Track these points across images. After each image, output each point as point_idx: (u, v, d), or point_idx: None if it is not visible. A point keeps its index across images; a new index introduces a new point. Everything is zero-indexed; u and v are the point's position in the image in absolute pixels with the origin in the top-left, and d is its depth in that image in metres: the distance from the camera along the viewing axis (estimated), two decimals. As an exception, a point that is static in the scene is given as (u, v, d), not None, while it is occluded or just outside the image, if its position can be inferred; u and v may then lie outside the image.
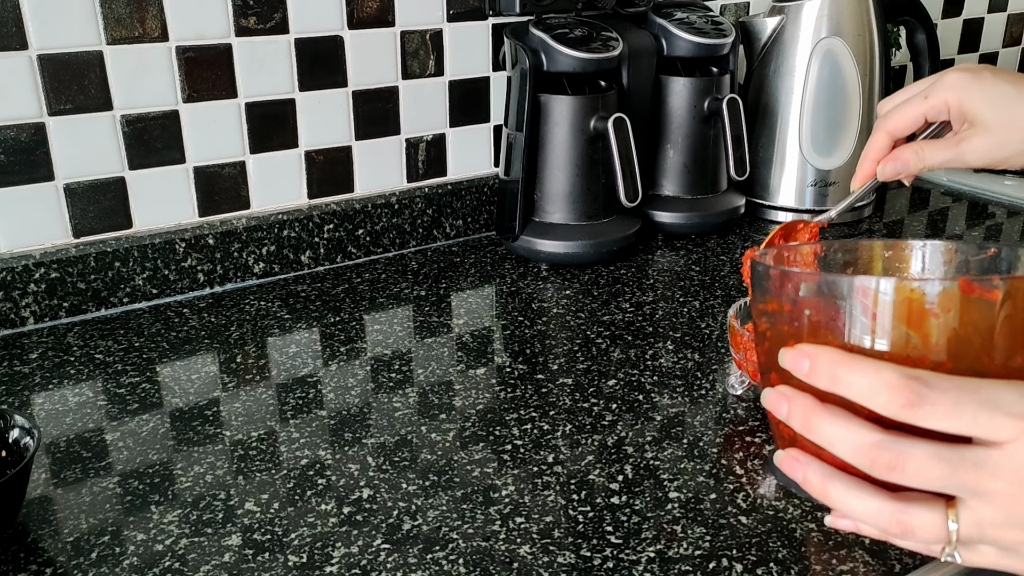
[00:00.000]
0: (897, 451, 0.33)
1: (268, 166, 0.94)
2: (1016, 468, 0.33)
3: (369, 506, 0.58)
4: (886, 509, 0.34)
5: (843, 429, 0.34)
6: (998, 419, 0.32)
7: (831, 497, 0.36)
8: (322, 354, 0.79)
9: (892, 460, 0.33)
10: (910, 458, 0.33)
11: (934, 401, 0.32)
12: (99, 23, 0.81)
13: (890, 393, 0.33)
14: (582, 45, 0.94)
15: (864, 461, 0.34)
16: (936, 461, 0.33)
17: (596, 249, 0.97)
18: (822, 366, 0.35)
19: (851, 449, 0.34)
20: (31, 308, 0.83)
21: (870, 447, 0.34)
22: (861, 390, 0.34)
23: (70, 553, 0.54)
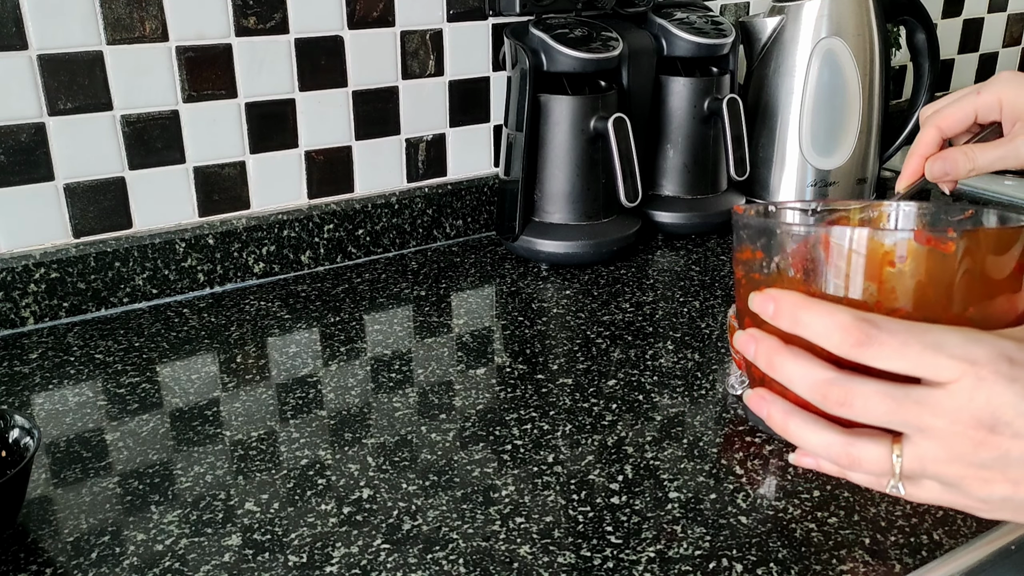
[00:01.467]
0: (847, 387, 0.35)
1: (268, 166, 0.94)
2: (957, 407, 0.34)
3: (369, 506, 0.58)
4: (837, 442, 0.37)
5: (801, 367, 0.37)
6: (942, 360, 0.34)
7: (790, 431, 0.38)
8: (322, 354, 0.79)
9: (842, 395, 0.35)
10: (858, 394, 0.35)
11: (882, 342, 0.34)
12: (99, 23, 0.81)
13: (842, 333, 0.35)
14: (582, 45, 0.94)
15: (817, 396, 0.36)
16: (882, 397, 0.35)
17: (596, 249, 0.97)
18: (785, 308, 0.37)
19: (807, 386, 0.37)
20: (31, 308, 0.83)
21: (823, 383, 0.36)
22: (817, 331, 0.36)
23: (70, 553, 0.54)
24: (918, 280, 0.36)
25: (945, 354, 0.34)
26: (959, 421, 0.34)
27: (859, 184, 1.15)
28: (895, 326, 0.35)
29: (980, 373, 0.34)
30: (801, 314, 0.36)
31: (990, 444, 0.34)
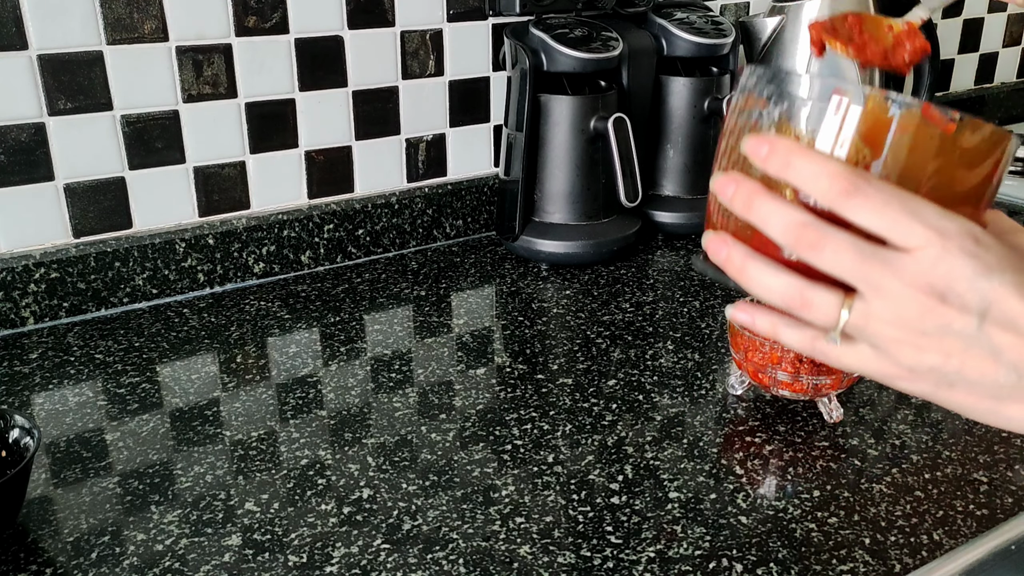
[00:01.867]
0: (822, 232, 0.36)
1: (268, 166, 0.94)
2: (916, 273, 0.36)
3: (369, 506, 0.58)
4: (795, 284, 0.38)
5: (779, 207, 0.37)
6: (916, 226, 0.35)
7: (748, 272, 0.39)
8: (322, 354, 0.79)
9: (815, 239, 0.36)
10: (831, 240, 0.36)
11: (867, 195, 0.35)
12: (99, 23, 0.81)
13: (831, 180, 0.36)
14: (582, 45, 0.94)
15: (790, 238, 0.37)
16: (851, 247, 0.36)
17: (596, 249, 0.97)
18: (779, 151, 0.37)
19: (781, 226, 0.37)
20: (31, 308, 0.83)
21: (799, 225, 0.37)
22: (807, 175, 0.36)
23: (70, 553, 0.54)
24: (911, 152, 0.37)
25: (920, 221, 0.35)
26: (914, 285, 0.36)
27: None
28: (881, 185, 0.36)
29: (947, 244, 0.35)
30: (794, 158, 0.37)
31: (937, 312, 0.36)
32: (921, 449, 0.65)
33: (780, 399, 0.71)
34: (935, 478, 0.61)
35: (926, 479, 0.61)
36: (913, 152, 0.37)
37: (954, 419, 0.69)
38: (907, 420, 0.68)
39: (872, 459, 0.64)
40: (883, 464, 0.63)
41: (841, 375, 0.66)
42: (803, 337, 0.40)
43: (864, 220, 0.36)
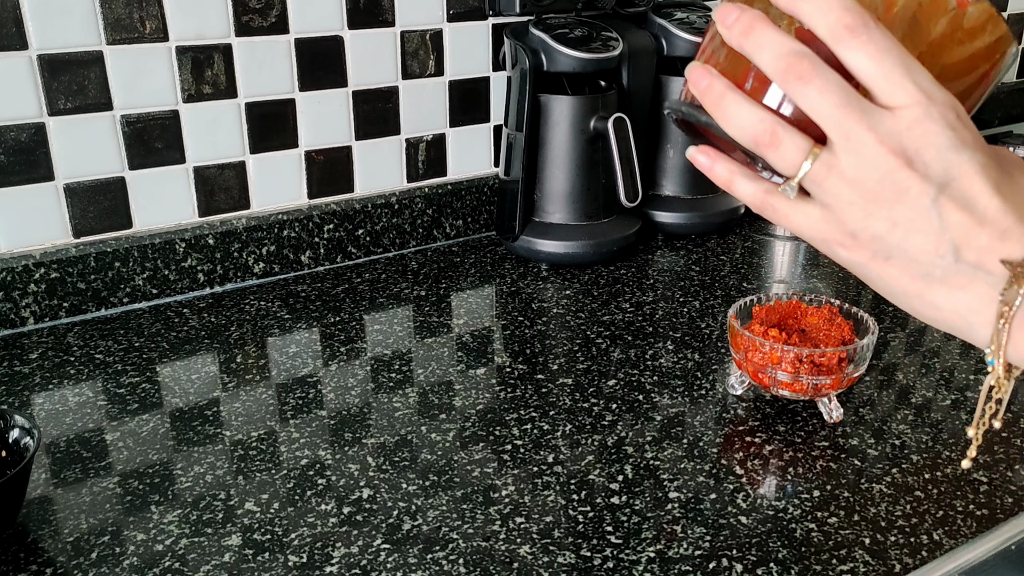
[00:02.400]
0: (814, 66, 0.35)
1: (268, 166, 0.94)
2: (892, 131, 0.35)
3: (369, 506, 0.58)
4: (769, 119, 0.37)
5: (777, 35, 0.36)
6: (907, 83, 0.35)
7: (725, 102, 0.38)
8: (322, 354, 0.79)
9: (805, 70, 0.35)
10: (819, 75, 0.35)
11: (870, 38, 0.35)
12: (99, 23, 0.81)
13: (841, 12, 0.35)
14: (582, 45, 0.94)
15: (782, 64, 0.36)
16: (838, 89, 0.35)
17: (596, 249, 0.97)
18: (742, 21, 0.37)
19: (775, 54, 0.36)
20: (31, 308, 0.83)
21: (792, 53, 0.36)
22: (818, 3, 0.35)
23: (70, 553, 0.54)
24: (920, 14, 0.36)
25: (912, 80, 0.35)
26: (887, 143, 0.35)
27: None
28: (887, 33, 0.35)
29: (930, 110, 0.35)
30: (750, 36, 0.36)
31: (899, 175, 0.35)
32: (921, 449, 0.65)
33: (780, 399, 0.71)
34: (935, 478, 0.61)
35: (926, 479, 0.61)
36: (922, 16, 0.36)
37: (954, 419, 0.69)
38: (907, 420, 0.68)
39: (872, 459, 0.64)
40: (883, 464, 0.63)
41: (841, 376, 0.66)
42: (757, 189, 0.39)
43: (860, 63, 0.35)
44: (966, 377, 0.75)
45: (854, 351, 0.66)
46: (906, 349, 0.80)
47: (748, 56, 0.37)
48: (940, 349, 0.80)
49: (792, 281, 0.96)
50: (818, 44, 0.36)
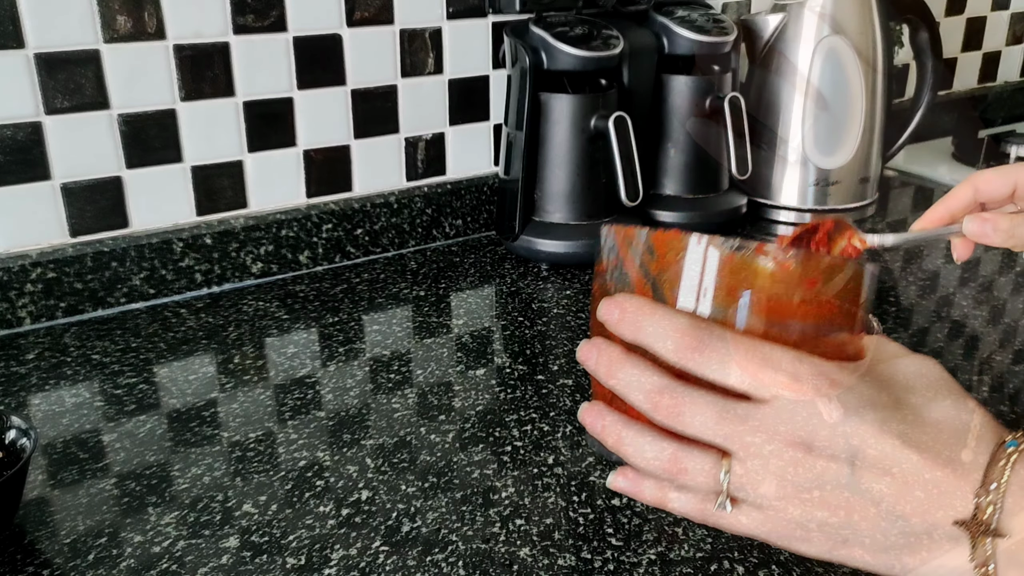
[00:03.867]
0: (678, 396, 0.35)
1: (266, 165, 0.93)
2: (776, 423, 0.35)
3: (368, 508, 0.58)
4: (668, 448, 0.36)
5: (637, 374, 0.37)
6: (768, 375, 0.34)
7: (624, 441, 0.38)
8: (320, 355, 0.78)
9: (673, 404, 0.36)
10: (687, 403, 0.35)
11: (714, 348, 0.35)
12: (96, 21, 0.80)
13: (678, 337, 0.35)
14: (583, 43, 0.93)
15: (649, 405, 0.36)
16: (709, 407, 0.35)
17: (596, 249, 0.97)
18: (629, 313, 0.37)
19: (641, 394, 0.36)
20: (28, 308, 0.83)
21: (655, 391, 0.36)
22: (656, 334, 0.36)
23: (67, 555, 0.54)
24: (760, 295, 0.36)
25: (771, 368, 0.34)
26: (777, 438, 0.35)
27: (861, 183, 1.14)
28: (729, 335, 0.35)
29: (802, 390, 0.34)
30: (643, 319, 0.36)
31: (807, 464, 0.34)
32: (924, 450, 0.64)
33: (782, 400, 0.70)
34: (939, 479, 0.61)
35: (929, 480, 0.61)
36: (762, 294, 0.36)
37: (957, 420, 0.68)
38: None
39: (875, 460, 0.63)
40: (886, 465, 0.62)
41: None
42: (692, 504, 0.38)
43: (715, 375, 0.35)
44: (968, 378, 0.75)
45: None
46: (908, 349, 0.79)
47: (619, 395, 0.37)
48: (943, 350, 0.79)
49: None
50: None
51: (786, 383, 0.34)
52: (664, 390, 0.36)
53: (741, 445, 0.35)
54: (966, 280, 0.95)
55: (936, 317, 0.86)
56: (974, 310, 0.87)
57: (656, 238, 0.38)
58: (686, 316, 0.36)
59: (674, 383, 0.36)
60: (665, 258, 0.38)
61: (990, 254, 1.02)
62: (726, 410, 0.35)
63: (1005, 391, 0.73)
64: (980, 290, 0.92)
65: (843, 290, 0.37)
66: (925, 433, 0.34)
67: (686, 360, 0.35)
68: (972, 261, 1.00)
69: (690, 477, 0.36)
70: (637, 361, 0.37)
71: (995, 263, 0.99)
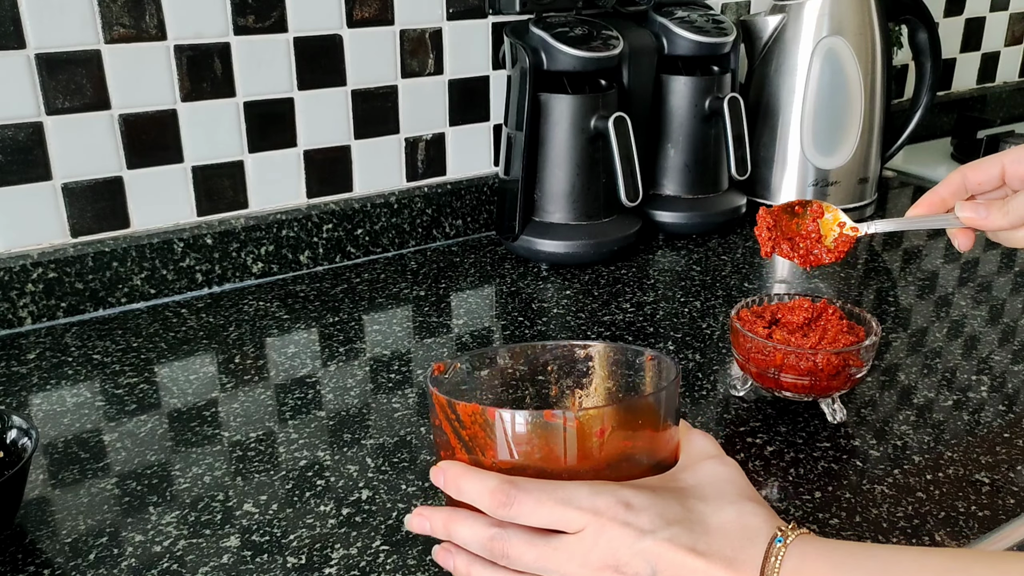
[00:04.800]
0: (504, 541, 0.42)
1: (267, 165, 0.93)
2: (585, 551, 0.41)
3: (368, 507, 0.58)
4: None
5: (468, 528, 0.43)
6: (571, 512, 0.41)
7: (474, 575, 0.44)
8: (321, 354, 0.79)
9: (501, 548, 0.42)
10: (511, 545, 0.42)
11: (521, 500, 0.41)
12: (97, 22, 0.80)
13: (490, 496, 0.42)
14: (582, 44, 0.93)
15: (485, 551, 0.43)
16: (529, 546, 0.42)
17: (596, 249, 0.97)
18: (450, 478, 0.43)
19: (475, 543, 0.43)
20: (29, 308, 0.83)
21: (486, 540, 0.42)
22: (473, 496, 0.42)
23: (68, 554, 0.54)
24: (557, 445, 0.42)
25: (573, 506, 0.41)
26: (588, 564, 0.40)
27: (860, 184, 1.14)
28: (532, 486, 0.41)
29: (601, 520, 0.40)
30: (461, 482, 0.43)
31: None
32: (923, 450, 0.64)
33: (781, 400, 0.71)
34: (937, 479, 0.61)
35: (928, 480, 0.61)
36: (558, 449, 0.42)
37: (956, 420, 0.68)
38: (909, 421, 0.68)
39: (874, 460, 0.63)
40: (885, 465, 0.63)
41: (844, 377, 0.65)
42: None
43: (529, 521, 0.41)
44: (968, 378, 0.75)
45: (857, 352, 0.65)
46: (908, 350, 0.80)
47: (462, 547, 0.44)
48: (942, 350, 0.79)
49: (794, 281, 0.96)
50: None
51: (588, 516, 0.40)
52: (494, 537, 0.42)
53: (558, 573, 0.41)
54: (965, 280, 0.95)
55: (935, 317, 0.86)
56: (973, 310, 0.87)
57: (462, 409, 0.43)
58: (494, 477, 0.42)
59: (500, 529, 0.42)
60: (471, 428, 0.43)
61: (988, 254, 1.02)
62: (543, 545, 0.41)
63: (1005, 391, 0.73)
64: (979, 290, 0.92)
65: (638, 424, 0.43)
66: (711, 539, 0.41)
67: (501, 514, 0.41)
68: (972, 261, 1.00)
69: None
70: (467, 515, 0.43)
71: (995, 263, 0.99)
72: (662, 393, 0.45)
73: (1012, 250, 1.03)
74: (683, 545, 0.40)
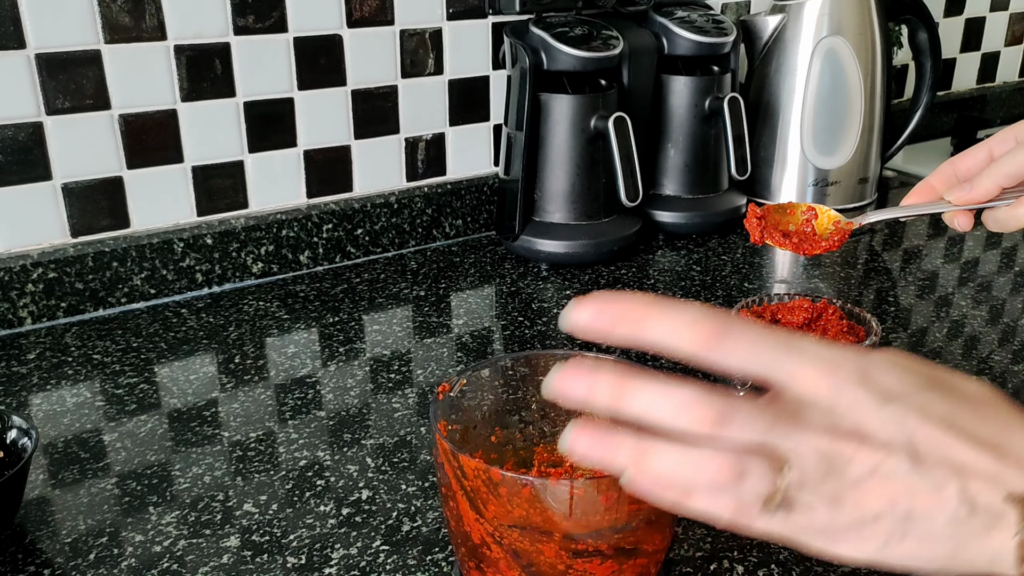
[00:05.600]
0: (719, 404, 0.31)
1: (267, 165, 0.93)
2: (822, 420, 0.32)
3: (368, 507, 0.58)
4: (721, 454, 0.31)
5: (661, 390, 0.31)
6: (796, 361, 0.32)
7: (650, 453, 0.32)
8: (321, 354, 0.79)
9: (719, 410, 0.31)
10: (737, 408, 0.31)
11: (738, 334, 0.32)
12: (97, 22, 0.80)
13: (694, 328, 0.31)
14: (582, 44, 0.93)
15: (689, 417, 0.31)
16: (757, 411, 0.31)
17: (596, 249, 0.97)
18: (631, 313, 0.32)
19: (673, 408, 0.31)
20: (29, 308, 0.83)
21: (695, 402, 0.31)
22: (666, 330, 0.32)
23: (68, 554, 0.54)
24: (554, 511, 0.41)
25: (801, 354, 0.32)
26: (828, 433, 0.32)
27: (860, 184, 1.14)
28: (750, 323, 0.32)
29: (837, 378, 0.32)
30: (651, 315, 0.32)
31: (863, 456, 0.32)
32: (923, 450, 0.64)
33: (781, 399, 0.70)
34: (937, 479, 0.61)
35: (928, 480, 0.61)
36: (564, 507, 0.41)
37: (956, 419, 0.68)
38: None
39: (874, 460, 0.63)
40: (885, 465, 0.63)
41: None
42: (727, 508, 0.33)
43: (740, 363, 0.32)
44: (968, 377, 0.75)
45: (856, 351, 0.65)
46: (908, 349, 0.80)
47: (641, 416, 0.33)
48: (942, 350, 0.79)
49: (794, 281, 0.96)
50: None
51: (825, 370, 0.32)
52: (704, 398, 0.31)
53: (793, 451, 0.31)
54: (965, 280, 0.95)
55: (935, 317, 0.86)
56: (973, 310, 0.87)
57: (465, 462, 0.42)
58: (694, 306, 0.32)
59: (705, 391, 0.31)
60: (474, 481, 0.42)
61: (988, 254, 1.02)
62: (775, 412, 0.32)
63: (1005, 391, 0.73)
64: (979, 290, 0.92)
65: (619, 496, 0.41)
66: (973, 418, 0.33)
67: (707, 350, 0.31)
68: (972, 261, 1.00)
69: (750, 480, 0.31)
70: (652, 376, 0.32)
71: (995, 263, 0.99)
72: None
73: (1012, 250, 1.03)
74: (941, 416, 0.32)
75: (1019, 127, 0.58)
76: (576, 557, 0.43)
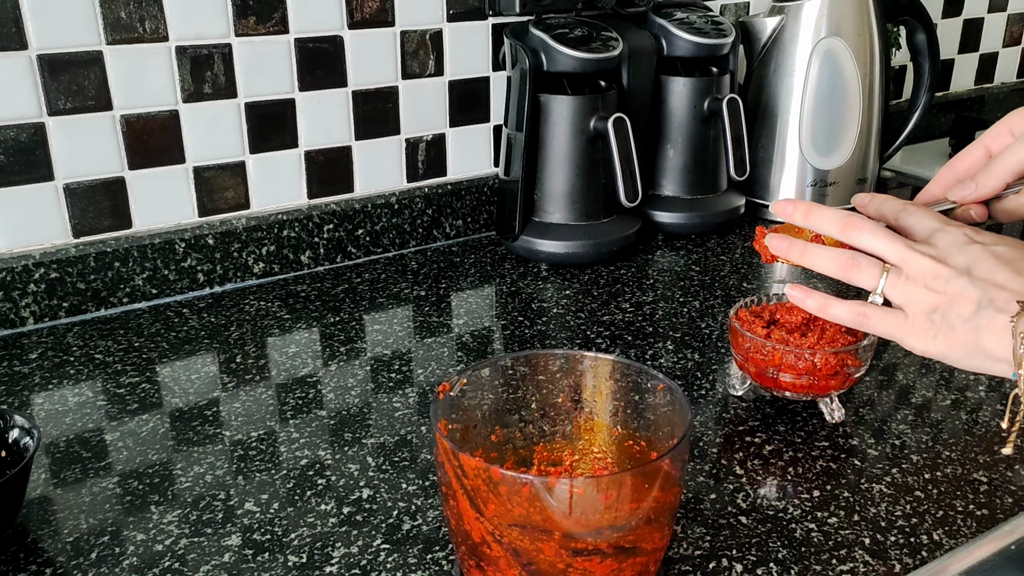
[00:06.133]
0: (860, 222, 0.54)
1: (268, 166, 0.94)
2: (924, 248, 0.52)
3: (369, 506, 0.58)
4: (847, 253, 0.54)
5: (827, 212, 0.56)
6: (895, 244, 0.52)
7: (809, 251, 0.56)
8: (322, 354, 0.79)
9: (856, 226, 0.54)
10: (867, 226, 0.53)
11: (859, 228, 0.53)
12: (99, 23, 0.81)
13: (834, 222, 0.55)
14: (582, 45, 0.94)
15: (837, 228, 0.54)
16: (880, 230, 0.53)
17: (596, 249, 0.97)
18: (800, 206, 0.56)
19: (829, 223, 0.55)
20: (31, 308, 0.83)
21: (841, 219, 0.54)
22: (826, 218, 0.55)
23: (70, 553, 0.54)
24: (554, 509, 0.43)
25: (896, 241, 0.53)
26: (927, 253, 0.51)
27: (859, 184, 1.15)
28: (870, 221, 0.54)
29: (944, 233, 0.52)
30: (812, 211, 0.56)
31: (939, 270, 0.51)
32: (921, 449, 0.65)
33: (780, 399, 0.71)
34: (935, 478, 0.61)
35: (926, 479, 0.61)
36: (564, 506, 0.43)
37: (954, 419, 0.69)
38: (907, 420, 0.68)
39: (872, 459, 0.64)
40: (883, 464, 0.63)
41: (843, 376, 0.66)
42: (849, 306, 0.54)
43: (863, 244, 0.53)
44: (966, 377, 0.75)
45: (856, 351, 0.66)
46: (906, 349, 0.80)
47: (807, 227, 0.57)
48: (940, 349, 0.80)
49: (792, 281, 0.96)
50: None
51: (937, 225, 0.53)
52: (848, 218, 0.54)
53: (901, 258, 0.52)
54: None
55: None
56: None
57: (466, 460, 0.43)
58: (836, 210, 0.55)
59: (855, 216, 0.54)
60: (474, 480, 0.43)
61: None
62: (891, 235, 0.52)
63: (1003, 390, 0.73)
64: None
65: (645, 489, 0.43)
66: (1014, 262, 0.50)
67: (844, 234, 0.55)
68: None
69: (861, 271, 0.53)
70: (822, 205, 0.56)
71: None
72: (674, 452, 0.44)
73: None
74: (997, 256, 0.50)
75: (1010, 120, 0.59)
76: (576, 555, 0.43)
